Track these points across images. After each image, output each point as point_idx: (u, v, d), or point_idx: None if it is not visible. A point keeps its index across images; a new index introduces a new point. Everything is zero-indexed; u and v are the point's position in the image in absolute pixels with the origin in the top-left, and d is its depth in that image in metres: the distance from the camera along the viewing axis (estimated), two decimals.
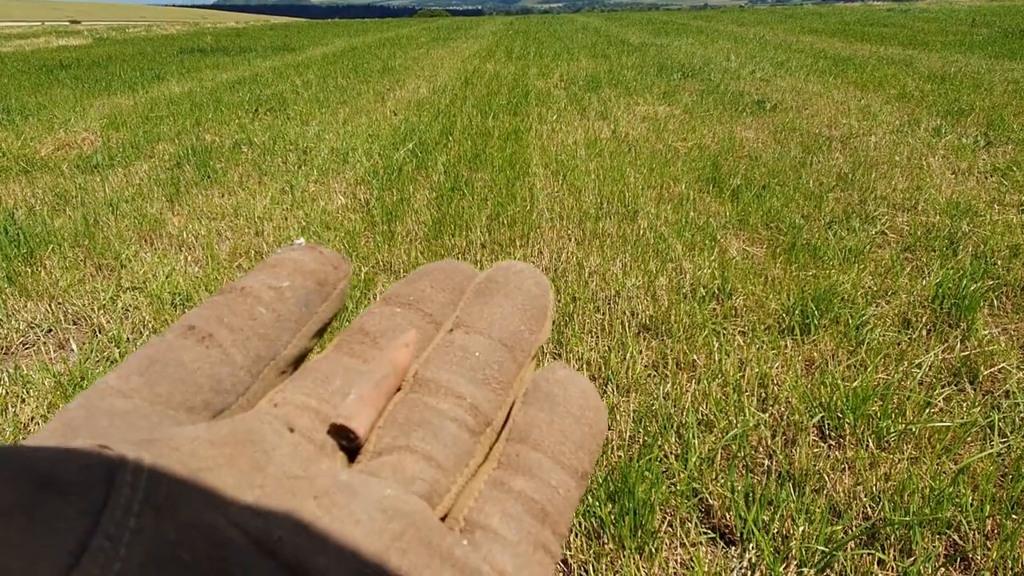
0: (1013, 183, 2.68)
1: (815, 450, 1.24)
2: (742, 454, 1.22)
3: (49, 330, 1.78)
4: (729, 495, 1.12)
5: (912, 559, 1.01)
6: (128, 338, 1.71)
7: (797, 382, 1.42)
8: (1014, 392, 1.38)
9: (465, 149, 3.38)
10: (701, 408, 1.36)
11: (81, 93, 5.73)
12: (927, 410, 1.33)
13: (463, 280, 0.20)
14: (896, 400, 1.35)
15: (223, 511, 0.12)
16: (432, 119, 4.25)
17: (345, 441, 0.16)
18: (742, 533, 1.07)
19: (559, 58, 7.84)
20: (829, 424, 1.30)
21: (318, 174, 3.07)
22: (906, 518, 1.06)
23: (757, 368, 1.46)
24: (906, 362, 1.49)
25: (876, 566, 1.01)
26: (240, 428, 0.14)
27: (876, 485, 1.14)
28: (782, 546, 1.05)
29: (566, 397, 0.17)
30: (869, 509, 1.11)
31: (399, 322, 0.18)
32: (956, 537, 1.05)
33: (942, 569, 1.00)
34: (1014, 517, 1.07)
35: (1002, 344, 1.56)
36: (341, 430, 0.16)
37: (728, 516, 1.11)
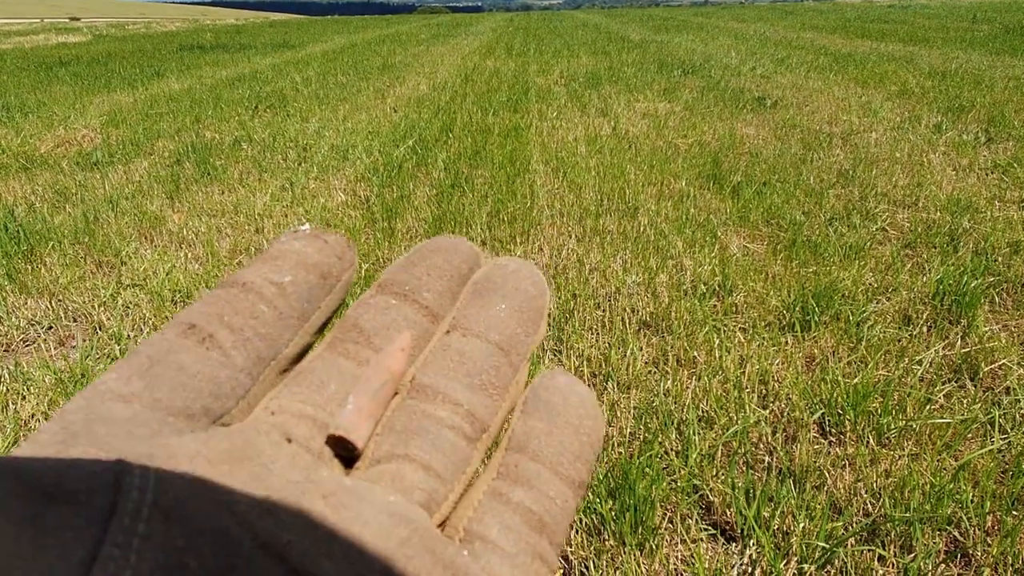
0: (1014, 179, 2.67)
1: (816, 447, 1.24)
2: (743, 451, 1.22)
3: (49, 327, 1.78)
4: (730, 491, 1.12)
5: (912, 555, 1.01)
6: (128, 335, 1.71)
7: (798, 378, 1.42)
8: (1014, 388, 1.38)
9: (465, 146, 3.38)
10: (702, 405, 1.36)
11: (81, 90, 5.72)
12: (928, 407, 1.33)
13: (461, 263, 0.19)
14: (897, 397, 1.35)
15: (231, 510, 0.12)
16: (432, 116, 4.24)
17: (343, 451, 0.16)
18: (743, 529, 1.07)
19: (559, 55, 7.83)
20: (830, 420, 1.30)
21: (318, 171, 3.07)
22: (906, 514, 1.06)
23: (758, 365, 1.46)
24: (907, 359, 1.49)
25: (876, 562, 1.01)
26: (238, 442, 0.14)
27: (877, 481, 1.15)
28: (783, 542, 1.05)
29: (565, 406, 0.17)
30: (870, 505, 1.11)
31: (394, 317, 0.18)
32: (956, 533, 1.05)
33: (942, 565, 1.00)
34: (1014, 513, 1.07)
35: (1003, 340, 1.56)
36: (340, 441, 0.16)
37: (729, 512, 1.11)
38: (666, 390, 1.41)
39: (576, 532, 1.07)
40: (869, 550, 1.02)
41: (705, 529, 1.09)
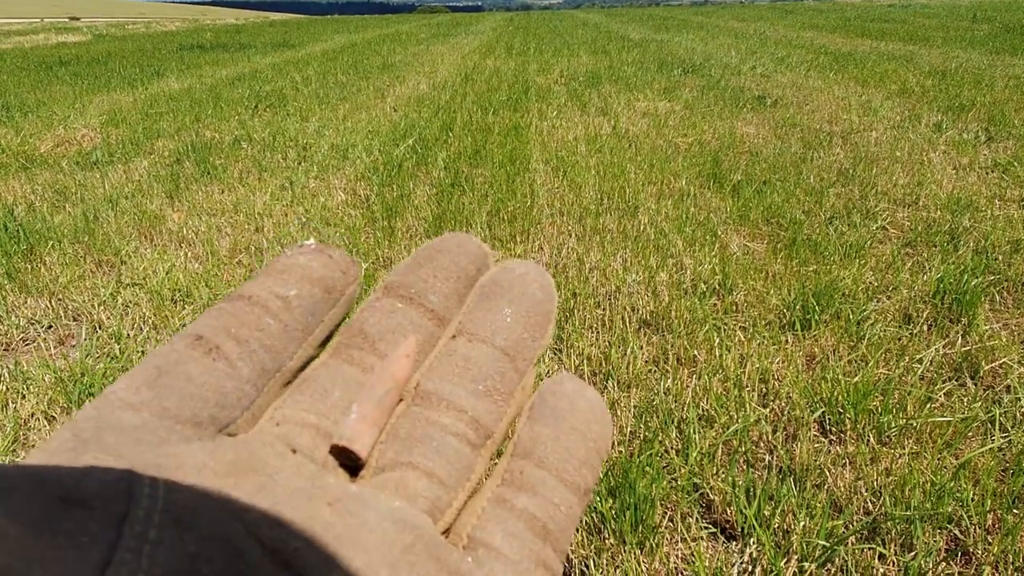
0: (1014, 178, 2.67)
1: (816, 445, 1.24)
2: (743, 449, 1.22)
3: (49, 326, 1.78)
4: (730, 490, 1.12)
5: (913, 554, 1.01)
6: (128, 334, 1.71)
7: (798, 377, 1.42)
8: (1015, 387, 1.38)
9: (465, 145, 3.38)
10: (702, 403, 1.36)
11: (80, 90, 5.72)
12: (928, 405, 1.33)
13: (468, 264, 0.19)
14: (897, 395, 1.35)
15: (240, 518, 0.13)
16: (432, 115, 4.24)
17: (347, 461, 0.16)
18: (743, 528, 1.07)
19: (559, 54, 7.83)
20: (830, 419, 1.30)
21: (318, 170, 3.07)
22: (907, 513, 1.06)
23: (758, 363, 1.46)
24: (907, 357, 1.49)
25: (877, 561, 1.01)
26: (243, 454, 0.14)
27: (877, 480, 1.14)
28: (783, 541, 1.05)
29: (572, 412, 0.17)
30: (870, 504, 1.11)
31: (399, 321, 0.18)
32: (957, 532, 1.05)
33: (943, 564, 1.00)
34: (1015, 512, 1.07)
35: (1003, 339, 1.56)
36: (343, 451, 0.16)
37: (729, 511, 1.11)
38: (666, 389, 1.41)
39: (577, 531, 1.07)
40: (870, 548, 1.02)
41: (705, 528, 1.09)
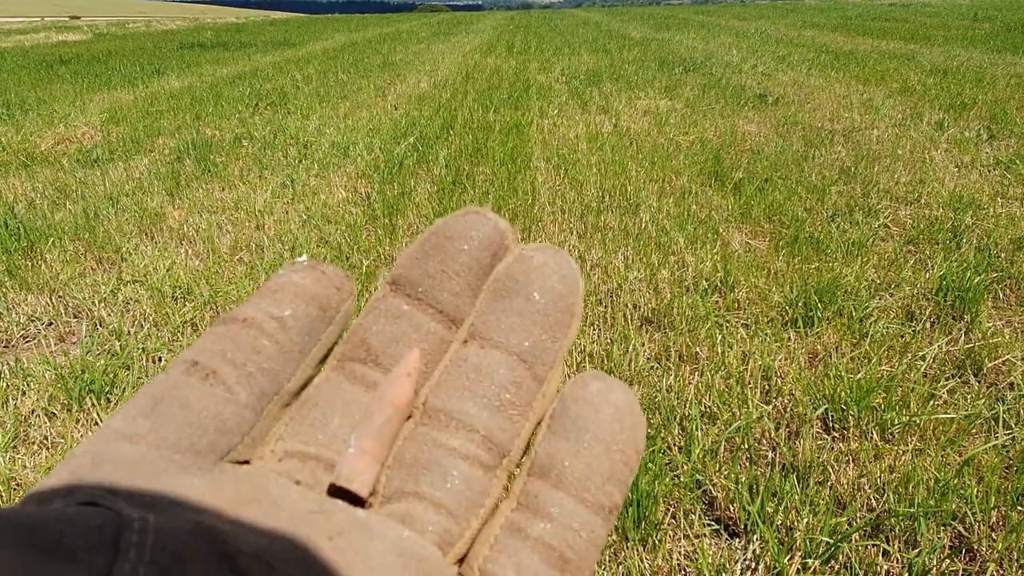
0: (1016, 176, 2.67)
1: (819, 442, 1.24)
2: (746, 446, 1.22)
3: (50, 323, 1.78)
4: (733, 487, 1.12)
5: (917, 550, 1.01)
6: (129, 331, 1.71)
7: (800, 374, 1.41)
8: (1018, 384, 1.37)
9: (466, 143, 3.37)
10: (704, 400, 1.35)
11: (81, 88, 5.72)
12: (931, 402, 1.32)
13: (482, 252, 0.18)
14: (900, 392, 1.35)
15: (231, 566, 0.12)
16: (433, 113, 4.24)
17: (348, 498, 0.15)
18: (746, 525, 1.07)
19: (560, 53, 7.82)
20: (833, 416, 1.30)
21: (319, 168, 3.06)
22: (911, 509, 1.05)
23: (760, 360, 1.45)
24: (910, 354, 1.48)
25: (881, 557, 1.00)
26: (244, 484, 0.14)
27: (880, 477, 1.14)
28: (786, 538, 1.04)
29: (597, 420, 0.16)
30: (873, 501, 1.11)
31: (404, 328, 0.17)
32: (961, 528, 1.05)
33: (947, 560, 1.00)
34: (1019, 508, 1.07)
35: (1006, 336, 1.55)
36: (342, 491, 0.15)
37: (732, 508, 1.10)
38: (668, 386, 1.40)
39: None
40: (873, 545, 1.02)
41: (708, 524, 1.09)
